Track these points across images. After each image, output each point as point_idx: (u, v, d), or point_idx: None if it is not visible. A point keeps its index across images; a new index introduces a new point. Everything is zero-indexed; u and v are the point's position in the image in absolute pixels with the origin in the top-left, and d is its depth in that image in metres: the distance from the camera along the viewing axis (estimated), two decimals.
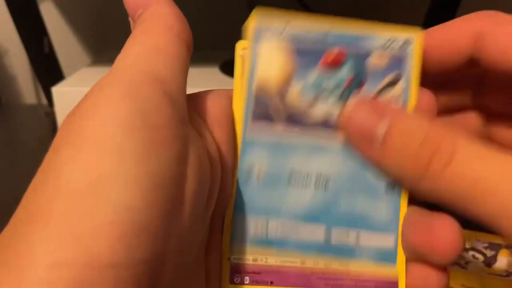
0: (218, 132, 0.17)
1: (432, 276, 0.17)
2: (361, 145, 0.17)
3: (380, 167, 0.17)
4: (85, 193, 0.12)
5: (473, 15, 0.17)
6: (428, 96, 0.18)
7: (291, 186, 0.17)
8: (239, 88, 0.18)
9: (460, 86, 0.19)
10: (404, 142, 0.15)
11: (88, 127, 0.13)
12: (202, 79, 0.44)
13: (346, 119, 0.17)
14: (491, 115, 0.20)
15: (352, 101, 0.17)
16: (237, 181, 0.17)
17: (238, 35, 0.18)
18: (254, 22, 0.17)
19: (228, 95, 0.18)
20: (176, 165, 0.13)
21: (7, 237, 0.12)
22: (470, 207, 0.15)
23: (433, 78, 0.18)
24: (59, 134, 0.13)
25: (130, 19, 0.17)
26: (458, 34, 0.17)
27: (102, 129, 0.13)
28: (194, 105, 0.16)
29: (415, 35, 0.17)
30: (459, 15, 0.18)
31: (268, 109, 0.17)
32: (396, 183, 0.17)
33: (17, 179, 0.45)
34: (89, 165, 0.12)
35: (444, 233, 0.16)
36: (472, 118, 0.20)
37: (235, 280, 0.17)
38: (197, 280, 0.16)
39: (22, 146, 0.54)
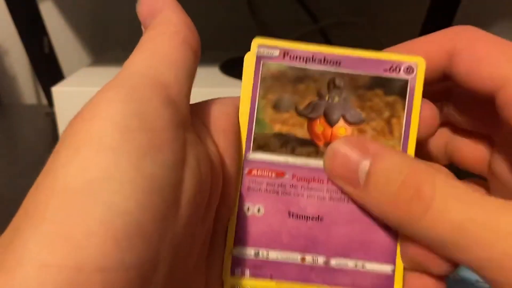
0: (223, 141, 0.17)
1: (430, 285, 0.17)
2: (345, 184, 0.17)
3: (363, 206, 0.17)
4: (79, 194, 0.12)
5: (449, 30, 0.18)
6: (431, 109, 0.18)
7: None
8: (247, 98, 0.18)
9: (430, 98, 0.19)
10: (385, 183, 0.15)
11: (86, 129, 0.13)
12: (202, 79, 0.44)
13: (329, 156, 0.17)
14: (457, 130, 0.20)
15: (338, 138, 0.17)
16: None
17: (238, 35, 0.18)
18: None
19: (235, 104, 0.18)
20: (173, 169, 0.13)
21: (7, 235, 0.12)
22: (452, 253, 0.15)
23: None
24: (61, 137, 0.13)
25: (142, 27, 0.17)
26: (434, 49, 0.18)
27: (99, 130, 0.13)
28: (200, 114, 0.17)
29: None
30: (459, 15, 0.18)
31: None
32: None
33: (17, 178, 0.45)
34: (84, 166, 0.12)
35: None
36: (441, 133, 0.20)
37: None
38: (196, 281, 0.16)
39: (22, 146, 0.54)
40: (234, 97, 0.18)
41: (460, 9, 0.54)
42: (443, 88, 0.19)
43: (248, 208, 0.18)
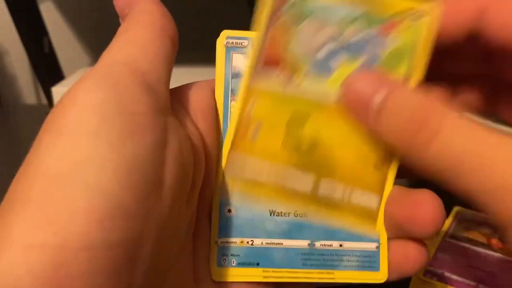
0: (202, 122, 0.17)
1: (413, 250, 0.17)
2: (357, 112, 0.17)
3: (373, 136, 0.17)
4: (62, 177, 0.12)
5: None
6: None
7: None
8: (221, 79, 0.18)
9: (466, 56, 0.19)
10: (395, 114, 0.16)
11: (66, 115, 0.13)
12: (202, 79, 0.44)
13: (345, 86, 0.17)
14: (498, 86, 0.20)
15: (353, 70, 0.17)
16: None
17: None
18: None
19: (211, 86, 0.18)
20: (154, 151, 0.14)
21: None
22: (454, 183, 0.15)
23: (436, 49, 0.18)
24: (43, 125, 0.14)
25: (120, 19, 0.18)
26: (463, 7, 0.17)
27: (79, 116, 0.13)
28: (178, 97, 0.17)
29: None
30: None
31: None
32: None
33: None
34: (66, 150, 0.12)
35: (425, 206, 0.16)
36: (476, 89, 0.20)
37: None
38: (183, 264, 0.17)
39: (22, 146, 0.54)
40: (209, 80, 0.18)
41: None
42: (480, 47, 0.18)
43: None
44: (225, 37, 0.18)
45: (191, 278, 0.17)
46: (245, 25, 0.19)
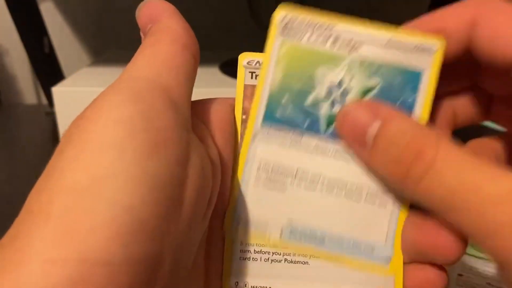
0: (220, 138, 0.17)
1: (432, 276, 0.17)
2: (353, 144, 0.17)
3: (370, 168, 0.17)
4: (84, 191, 0.12)
5: (469, 2, 0.17)
6: None
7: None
8: (241, 97, 0.18)
9: (459, 69, 0.18)
10: (391, 144, 0.15)
11: (91, 129, 0.13)
12: (202, 79, 0.44)
13: (341, 116, 0.17)
14: (491, 97, 0.20)
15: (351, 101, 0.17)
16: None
17: (238, 35, 0.18)
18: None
19: (231, 104, 0.18)
20: (177, 167, 0.14)
21: (10, 235, 0.12)
22: (448, 217, 0.15)
23: None
24: (64, 137, 0.14)
25: (141, 33, 0.18)
26: (453, 21, 0.17)
27: (104, 130, 0.13)
28: (197, 112, 0.17)
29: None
30: None
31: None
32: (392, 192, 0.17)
33: (17, 179, 0.45)
34: (90, 164, 0.12)
35: (448, 232, 0.16)
36: (472, 99, 0.20)
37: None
38: (195, 278, 0.17)
39: (22, 146, 0.54)
40: (228, 98, 0.18)
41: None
42: (471, 61, 0.18)
43: None
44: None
45: None
46: (245, 26, 0.19)
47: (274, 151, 0.18)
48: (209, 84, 0.45)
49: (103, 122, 0.13)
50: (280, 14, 0.18)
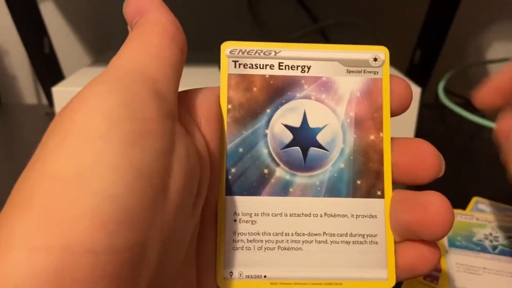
0: (207, 129, 0.17)
1: (424, 252, 0.17)
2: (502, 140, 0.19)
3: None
4: (68, 180, 0.12)
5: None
6: (403, 85, 0.19)
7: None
8: (225, 87, 0.18)
9: None
10: None
11: (74, 119, 0.13)
12: (202, 79, 0.44)
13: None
14: None
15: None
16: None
17: (238, 36, 0.18)
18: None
19: (216, 93, 0.18)
20: (161, 157, 0.14)
21: None
22: None
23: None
24: (49, 128, 0.14)
25: (128, 26, 0.18)
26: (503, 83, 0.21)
27: (88, 120, 0.13)
28: (183, 102, 0.17)
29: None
30: (459, 15, 0.18)
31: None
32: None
33: (17, 178, 0.45)
34: (73, 153, 0.12)
35: (435, 208, 0.16)
36: None
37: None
38: (187, 272, 0.17)
39: (22, 146, 0.54)
40: (214, 87, 0.19)
41: (460, 9, 0.54)
42: None
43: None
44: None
45: (195, 287, 0.17)
46: (245, 26, 0.19)
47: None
48: (209, 84, 0.45)
49: (87, 112, 0.13)
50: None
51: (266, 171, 0.18)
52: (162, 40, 0.16)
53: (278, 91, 0.18)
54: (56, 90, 0.42)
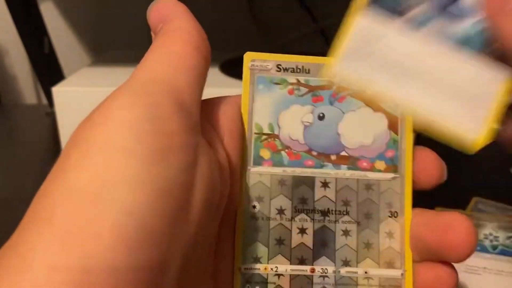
0: (228, 141, 0.17)
1: (444, 273, 0.17)
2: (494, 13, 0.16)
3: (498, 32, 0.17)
4: (89, 196, 0.12)
5: None
6: (429, 157, 0.18)
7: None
8: (247, 100, 0.18)
9: None
10: None
11: (97, 132, 0.13)
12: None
13: None
14: None
15: None
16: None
17: (238, 36, 0.18)
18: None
19: (238, 103, 0.18)
20: (185, 173, 0.13)
21: (11, 242, 0.12)
22: None
23: None
24: (70, 140, 0.13)
25: (152, 32, 0.17)
26: None
27: (111, 133, 0.13)
28: (205, 113, 0.17)
29: None
30: None
31: None
32: None
33: (17, 178, 0.45)
34: (95, 169, 0.12)
35: (458, 230, 0.16)
36: None
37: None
38: (204, 286, 0.16)
39: (22, 146, 0.54)
40: (235, 95, 0.18)
41: None
42: None
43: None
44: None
45: None
46: (245, 26, 0.19)
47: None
48: (209, 84, 0.45)
49: (110, 125, 0.13)
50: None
51: None
52: (186, 49, 0.16)
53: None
54: (56, 90, 0.42)
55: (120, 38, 0.67)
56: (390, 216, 0.18)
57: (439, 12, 0.17)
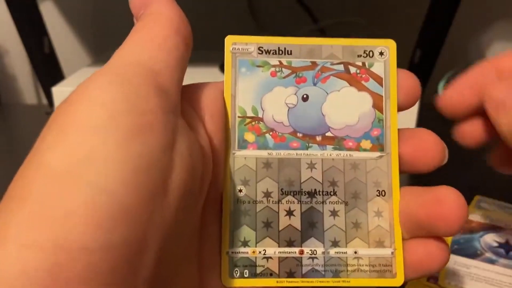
0: (210, 124, 0.17)
1: (435, 248, 0.17)
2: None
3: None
4: (62, 175, 0.12)
5: (478, 69, 0.21)
6: (412, 79, 0.19)
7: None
8: (230, 83, 0.18)
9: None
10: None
11: (72, 111, 0.13)
12: (202, 79, 0.44)
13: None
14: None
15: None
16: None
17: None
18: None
19: (221, 89, 0.18)
20: (161, 152, 0.13)
21: None
22: None
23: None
24: (48, 122, 0.13)
25: (134, 19, 0.17)
26: (465, 90, 0.21)
27: (86, 112, 0.13)
28: (187, 97, 0.17)
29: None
30: (459, 15, 0.18)
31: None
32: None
33: None
34: (68, 147, 0.12)
35: (449, 202, 0.16)
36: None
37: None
38: (188, 270, 0.16)
39: (22, 146, 0.54)
40: (218, 82, 0.18)
41: (460, 9, 0.54)
42: None
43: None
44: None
45: (197, 287, 0.17)
46: (245, 26, 0.19)
47: None
48: None
49: (85, 105, 0.13)
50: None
51: None
52: (165, 32, 0.16)
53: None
54: (56, 90, 0.42)
55: (120, 38, 0.67)
56: (378, 195, 0.18)
57: None
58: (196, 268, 0.17)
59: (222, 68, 0.52)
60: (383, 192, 0.18)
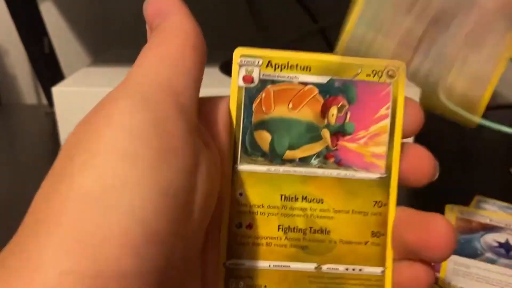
0: (219, 141, 0.17)
1: (422, 272, 0.17)
2: None
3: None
4: (97, 200, 0.12)
5: None
6: (415, 107, 0.18)
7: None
8: (235, 96, 0.18)
9: None
10: None
11: (102, 135, 0.13)
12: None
13: None
14: None
15: None
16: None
17: (238, 36, 0.18)
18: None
19: (226, 102, 0.18)
20: (188, 174, 0.13)
21: (17, 243, 0.12)
22: None
23: None
24: (72, 141, 0.13)
25: (147, 26, 0.17)
26: None
27: (117, 137, 0.13)
28: (198, 113, 0.16)
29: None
30: None
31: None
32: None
33: (17, 179, 0.45)
34: (102, 172, 0.12)
35: (439, 230, 0.16)
36: None
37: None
38: (192, 284, 0.16)
39: (22, 146, 0.54)
40: (225, 96, 0.18)
41: None
42: None
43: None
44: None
45: None
46: (245, 26, 0.19)
47: None
48: (209, 84, 0.45)
49: (114, 129, 0.13)
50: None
51: None
52: (184, 49, 0.15)
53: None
54: (56, 90, 0.42)
55: (120, 38, 0.67)
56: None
57: None
58: (199, 279, 0.17)
59: (222, 68, 0.52)
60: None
